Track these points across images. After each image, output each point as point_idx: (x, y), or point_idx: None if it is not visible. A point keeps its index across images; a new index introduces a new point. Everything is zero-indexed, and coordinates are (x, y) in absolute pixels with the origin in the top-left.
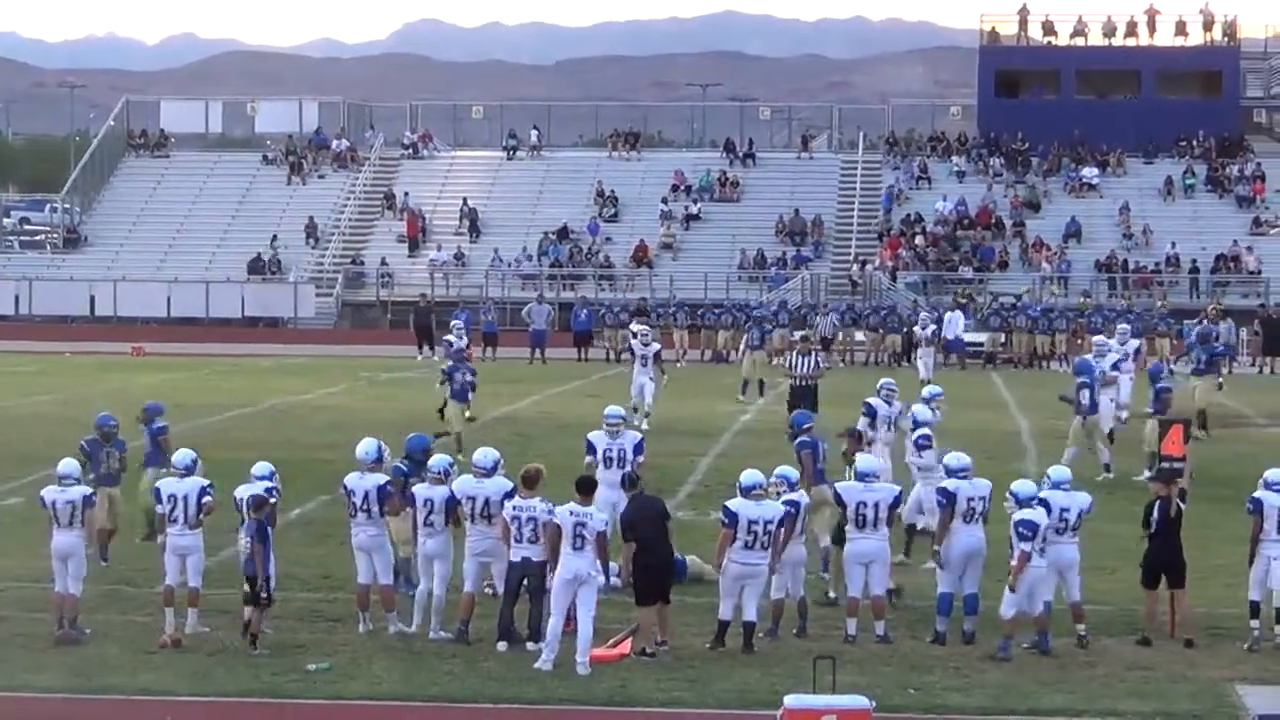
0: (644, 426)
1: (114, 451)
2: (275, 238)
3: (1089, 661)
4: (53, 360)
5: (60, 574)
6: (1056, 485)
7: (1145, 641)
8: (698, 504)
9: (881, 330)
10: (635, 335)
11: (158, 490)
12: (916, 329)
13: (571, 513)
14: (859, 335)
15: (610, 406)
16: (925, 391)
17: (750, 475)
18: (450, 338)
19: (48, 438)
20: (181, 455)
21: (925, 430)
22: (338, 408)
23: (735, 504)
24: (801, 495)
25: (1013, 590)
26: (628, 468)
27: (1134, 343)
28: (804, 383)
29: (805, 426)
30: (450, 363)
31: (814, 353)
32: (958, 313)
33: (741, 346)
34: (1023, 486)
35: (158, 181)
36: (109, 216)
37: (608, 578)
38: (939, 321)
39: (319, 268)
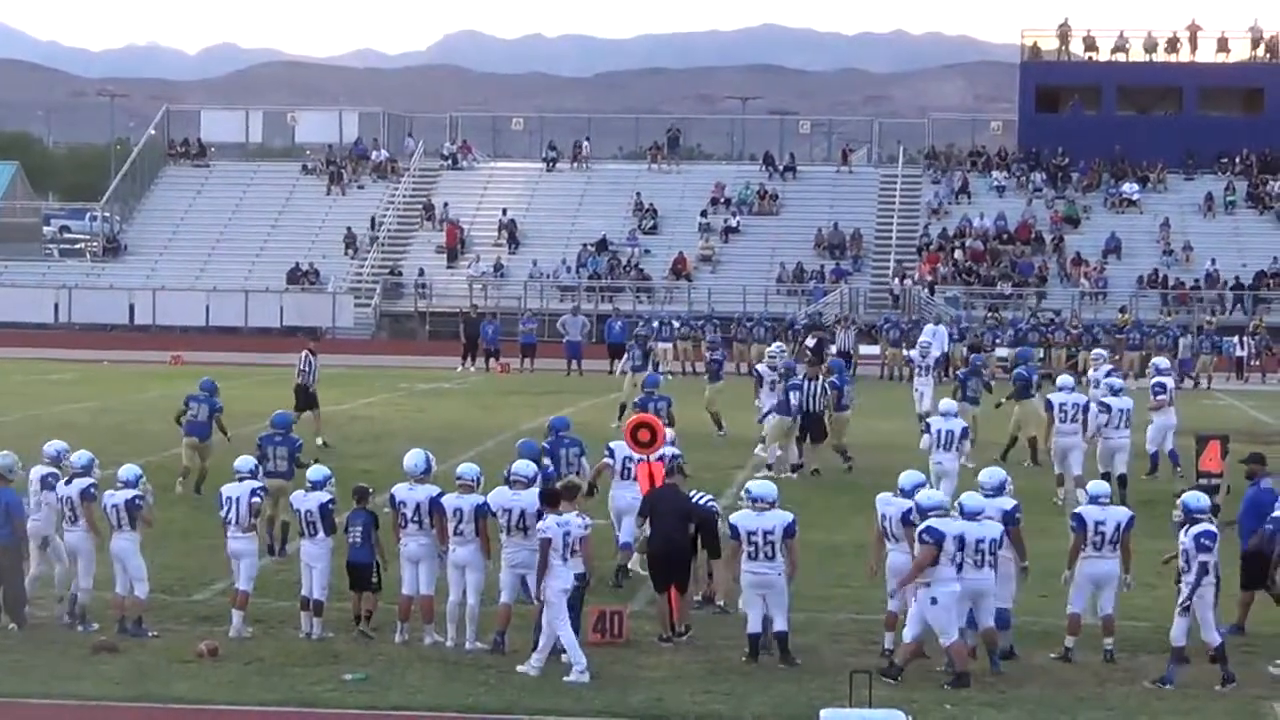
0: (761, 452)
1: (284, 449)
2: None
3: (1127, 678)
4: (91, 368)
5: (119, 576)
6: (1094, 499)
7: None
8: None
9: (903, 345)
10: (765, 358)
11: (219, 495)
12: (914, 353)
13: (559, 524)
14: (867, 349)
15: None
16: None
17: (759, 486)
18: (761, 368)
19: (81, 446)
20: (242, 460)
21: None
22: (375, 418)
23: (736, 516)
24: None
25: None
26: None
27: (1105, 367)
28: (811, 410)
29: (650, 389)
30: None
31: (820, 378)
32: (941, 327)
33: (620, 367)
34: (968, 499)
35: (197, 191)
36: (149, 225)
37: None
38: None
39: (358, 278)
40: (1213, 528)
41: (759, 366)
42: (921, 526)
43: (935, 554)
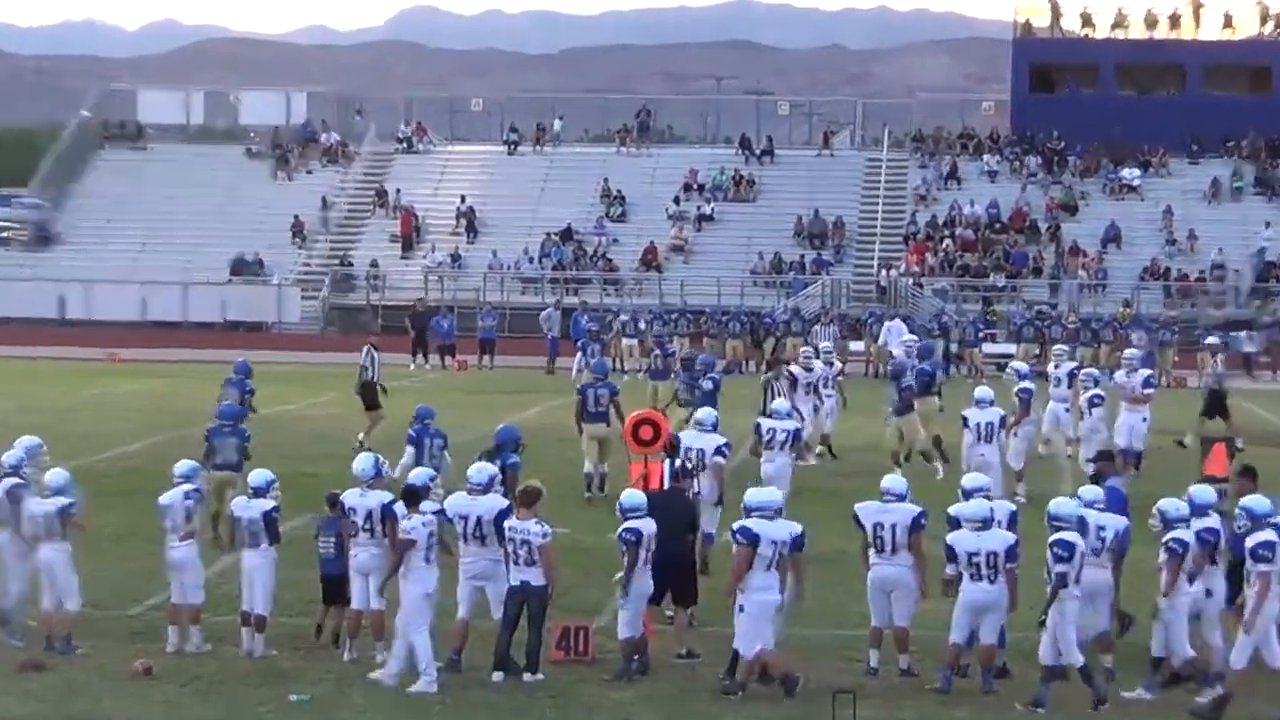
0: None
1: (233, 440)
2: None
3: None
4: (18, 365)
5: (47, 590)
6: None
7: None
8: None
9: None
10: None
11: (158, 505)
12: (898, 352)
13: (424, 524)
14: (854, 345)
15: None
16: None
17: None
18: (795, 369)
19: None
20: (180, 465)
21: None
22: (324, 419)
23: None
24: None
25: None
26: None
27: (1068, 365)
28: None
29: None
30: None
31: (785, 378)
32: (898, 322)
33: (576, 365)
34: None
35: (134, 176)
36: (82, 213)
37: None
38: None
39: (305, 269)
40: (1068, 537)
41: (792, 367)
42: (735, 526)
43: (751, 555)
